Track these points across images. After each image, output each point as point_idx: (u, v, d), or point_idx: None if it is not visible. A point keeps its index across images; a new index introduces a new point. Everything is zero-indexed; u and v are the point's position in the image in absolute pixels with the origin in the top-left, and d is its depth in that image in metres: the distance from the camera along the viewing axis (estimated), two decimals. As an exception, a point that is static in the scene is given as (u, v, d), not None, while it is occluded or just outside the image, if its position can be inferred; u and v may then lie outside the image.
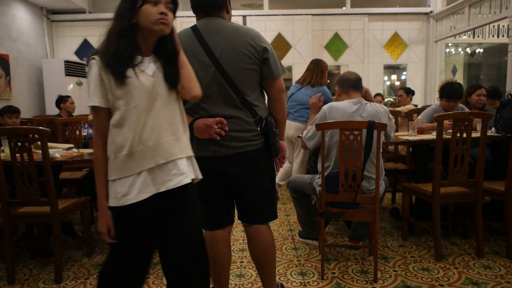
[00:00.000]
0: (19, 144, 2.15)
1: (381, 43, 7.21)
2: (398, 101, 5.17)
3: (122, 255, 1.33)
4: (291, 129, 3.50)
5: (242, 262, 2.48)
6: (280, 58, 1.77)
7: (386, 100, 8.87)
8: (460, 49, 8.88)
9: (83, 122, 3.59)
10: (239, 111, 1.58)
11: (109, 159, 1.25)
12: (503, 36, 7.54)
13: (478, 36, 7.93)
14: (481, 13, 5.79)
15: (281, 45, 7.10)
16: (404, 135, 3.05)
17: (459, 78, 8.96)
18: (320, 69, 3.54)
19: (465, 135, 2.32)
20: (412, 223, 2.75)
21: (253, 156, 1.61)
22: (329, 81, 3.62)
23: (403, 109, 4.34)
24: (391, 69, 10.21)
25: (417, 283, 2.15)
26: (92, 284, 2.25)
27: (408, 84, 7.13)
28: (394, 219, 3.25)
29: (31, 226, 2.68)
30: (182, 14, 5.97)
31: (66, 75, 6.26)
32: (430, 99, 7.08)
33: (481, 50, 8.70)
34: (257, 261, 1.76)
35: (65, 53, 7.07)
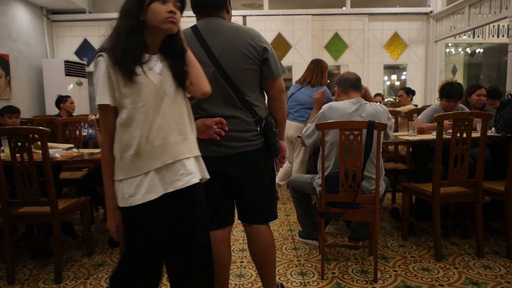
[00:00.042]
0: (19, 144, 2.15)
1: (381, 43, 7.21)
2: (398, 101, 5.16)
3: (133, 256, 1.30)
4: (291, 129, 3.50)
5: (242, 262, 2.48)
6: (280, 58, 1.77)
7: (386, 100, 8.86)
8: (460, 49, 8.87)
9: (83, 122, 3.59)
10: (239, 111, 1.58)
11: (116, 158, 1.23)
12: (503, 36, 7.54)
13: (478, 36, 7.92)
14: (481, 13, 5.79)
15: (281, 45, 7.10)
16: (404, 135, 3.05)
17: (459, 78, 8.95)
18: (320, 69, 3.54)
19: (465, 135, 2.32)
20: (412, 223, 2.75)
21: (253, 156, 1.61)
22: (329, 81, 3.62)
23: (403, 109, 4.33)
24: (391, 69, 10.21)
25: (417, 283, 2.15)
26: (92, 284, 2.25)
27: (408, 84, 7.12)
28: (394, 219, 3.25)
29: (31, 226, 2.68)
30: (182, 14, 5.96)
31: (66, 75, 6.26)
32: (430, 99, 7.08)
33: (481, 50, 8.70)
34: (257, 261, 1.76)
35: (65, 53, 7.06)
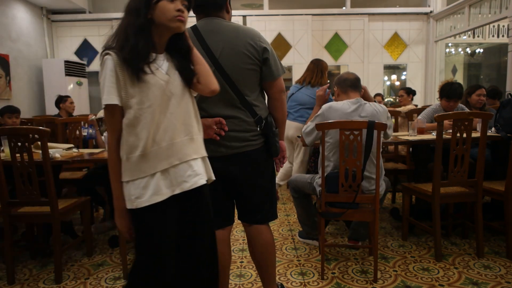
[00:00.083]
0: (19, 144, 2.15)
1: (381, 43, 7.21)
2: (399, 101, 5.16)
3: (144, 257, 1.27)
4: (291, 129, 3.50)
5: (242, 262, 2.48)
6: (280, 58, 1.77)
7: (386, 100, 8.86)
8: (460, 49, 8.87)
9: (83, 122, 3.59)
10: (238, 111, 1.58)
11: (122, 159, 1.22)
12: (503, 36, 7.54)
13: (478, 36, 7.92)
14: (481, 13, 5.79)
15: (281, 45, 7.10)
16: (404, 135, 3.05)
17: (459, 78, 8.95)
18: (320, 69, 3.54)
19: (465, 135, 2.32)
20: (412, 223, 2.75)
21: (253, 156, 1.61)
22: (329, 81, 3.61)
23: (403, 109, 4.33)
24: (391, 69, 10.21)
25: (417, 283, 2.15)
26: (92, 284, 2.25)
27: (408, 84, 7.12)
28: (394, 219, 3.25)
29: (31, 226, 2.68)
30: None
31: (66, 75, 6.27)
32: (430, 99, 7.08)
33: (481, 50, 8.70)
34: (257, 261, 1.76)
35: (65, 53, 7.06)
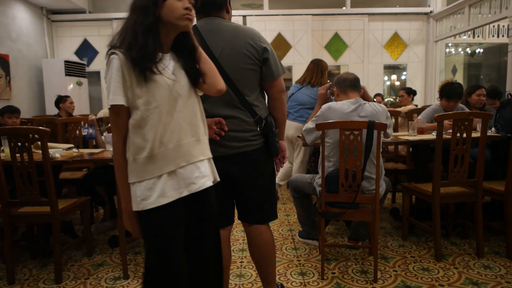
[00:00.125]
0: (19, 144, 2.15)
1: (381, 43, 7.21)
2: (399, 101, 5.16)
3: (157, 260, 1.24)
4: (291, 129, 3.50)
5: (242, 262, 2.48)
6: (280, 58, 1.77)
7: (386, 100, 8.86)
8: (460, 49, 8.88)
9: (83, 122, 3.59)
10: (238, 111, 1.58)
11: (128, 161, 1.20)
12: (503, 36, 7.54)
13: (478, 36, 7.93)
14: (481, 13, 5.79)
15: (281, 45, 7.10)
16: (404, 135, 3.05)
17: (459, 78, 8.96)
18: (320, 69, 3.54)
19: (465, 135, 2.32)
20: (412, 223, 2.75)
21: (253, 156, 1.61)
22: (329, 81, 3.61)
23: (403, 109, 4.33)
24: (391, 69, 10.21)
25: (417, 283, 2.15)
26: (92, 284, 2.25)
27: (408, 84, 7.13)
28: (394, 219, 3.25)
29: (31, 226, 2.68)
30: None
31: (66, 75, 6.27)
32: (430, 99, 7.08)
33: (481, 50, 8.70)
34: (257, 261, 1.76)
35: (65, 53, 7.06)
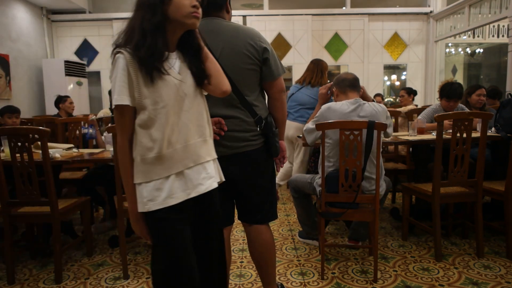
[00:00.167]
0: (19, 144, 2.15)
1: (381, 43, 7.21)
2: (399, 101, 5.16)
3: (166, 263, 1.23)
4: (291, 129, 3.50)
5: (242, 262, 2.48)
6: (280, 58, 1.77)
7: (386, 100, 8.86)
8: (460, 49, 8.88)
9: (83, 122, 3.59)
10: (238, 111, 1.58)
11: (135, 161, 1.18)
12: (503, 36, 7.54)
13: (478, 36, 7.93)
14: (481, 13, 5.79)
15: (281, 45, 7.10)
16: (404, 135, 3.05)
17: (459, 78, 8.95)
18: (320, 69, 3.54)
19: (465, 135, 2.32)
20: (412, 223, 2.75)
21: (253, 156, 1.61)
22: (329, 81, 3.62)
23: (403, 109, 4.33)
24: (391, 69, 10.21)
25: (417, 283, 2.15)
26: (92, 284, 2.25)
27: (408, 84, 7.12)
28: (394, 219, 3.25)
29: (31, 226, 2.68)
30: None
31: (66, 75, 6.27)
32: (430, 99, 7.08)
33: (481, 50, 8.70)
34: (257, 261, 1.76)
35: (65, 53, 7.06)
